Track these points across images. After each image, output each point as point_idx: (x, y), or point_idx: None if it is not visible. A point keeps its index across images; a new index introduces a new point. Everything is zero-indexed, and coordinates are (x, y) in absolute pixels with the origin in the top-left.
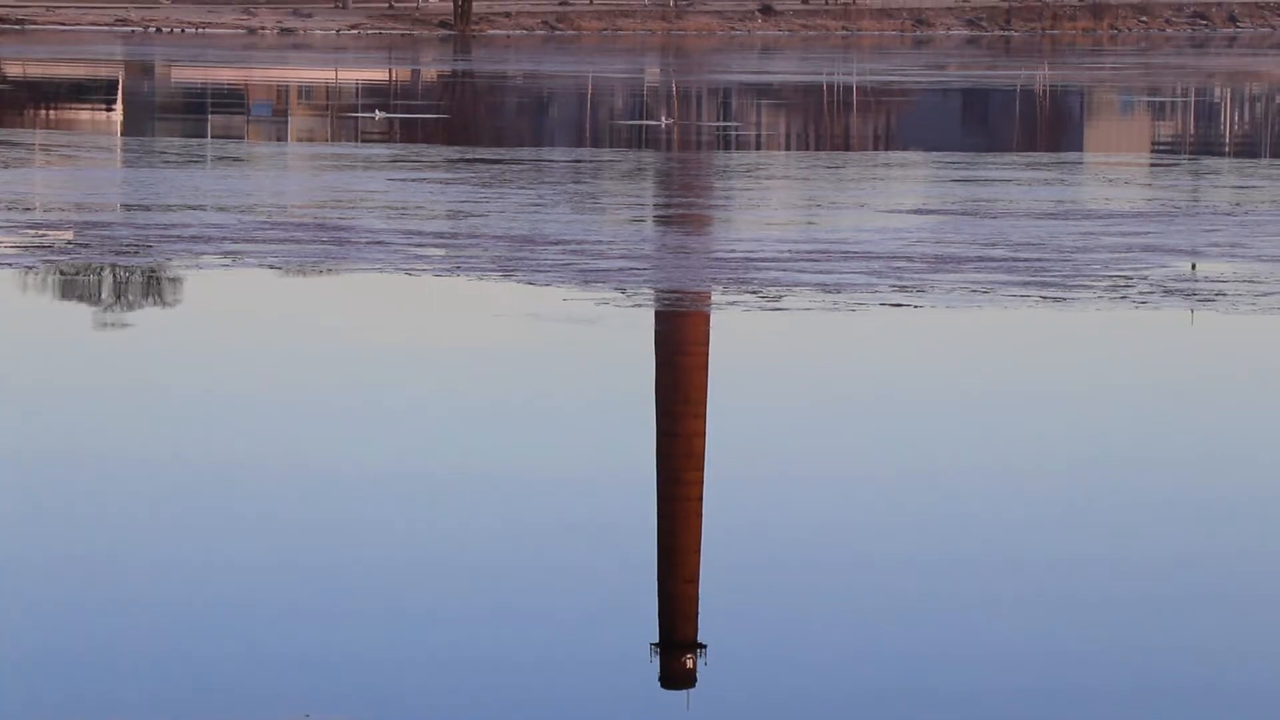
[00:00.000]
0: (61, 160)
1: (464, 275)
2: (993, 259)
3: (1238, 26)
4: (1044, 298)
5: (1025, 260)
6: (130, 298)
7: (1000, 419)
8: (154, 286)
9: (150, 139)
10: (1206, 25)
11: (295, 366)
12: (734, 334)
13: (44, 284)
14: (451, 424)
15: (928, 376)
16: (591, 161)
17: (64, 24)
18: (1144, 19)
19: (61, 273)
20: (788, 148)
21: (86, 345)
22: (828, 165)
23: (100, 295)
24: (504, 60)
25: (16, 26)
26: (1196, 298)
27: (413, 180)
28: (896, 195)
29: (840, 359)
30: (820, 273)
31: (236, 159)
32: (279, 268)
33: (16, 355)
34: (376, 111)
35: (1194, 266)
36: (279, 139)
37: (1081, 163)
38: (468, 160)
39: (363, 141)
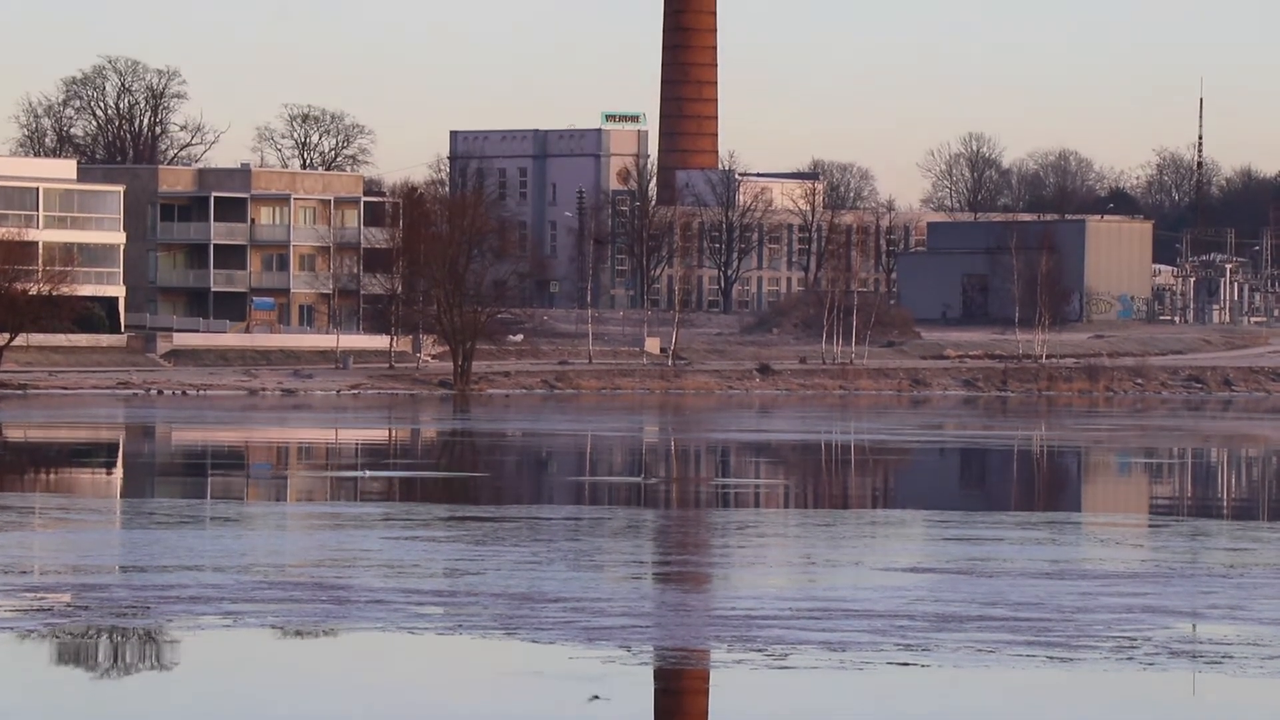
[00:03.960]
0: (59, 523)
1: (466, 634)
2: (994, 618)
3: (1233, 390)
4: (1050, 658)
5: (1027, 620)
6: (130, 660)
7: None
8: (154, 648)
9: (149, 500)
10: (1201, 388)
11: None
12: (742, 691)
13: (43, 647)
14: None
15: None
16: (588, 518)
17: (66, 388)
18: (1139, 381)
19: (60, 636)
20: (785, 505)
21: (87, 709)
22: (824, 522)
23: (100, 658)
24: (501, 419)
25: (19, 391)
26: (1203, 660)
27: (407, 538)
28: (893, 553)
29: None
30: (823, 630)
31: (233, 519)
32: (280, 628)
33: (19, 718)
34: (365, 471)
35: (1194, 628)
36: (276, 498)
37: (1078, 522)
38: (460, 518)
39: (361, 500)
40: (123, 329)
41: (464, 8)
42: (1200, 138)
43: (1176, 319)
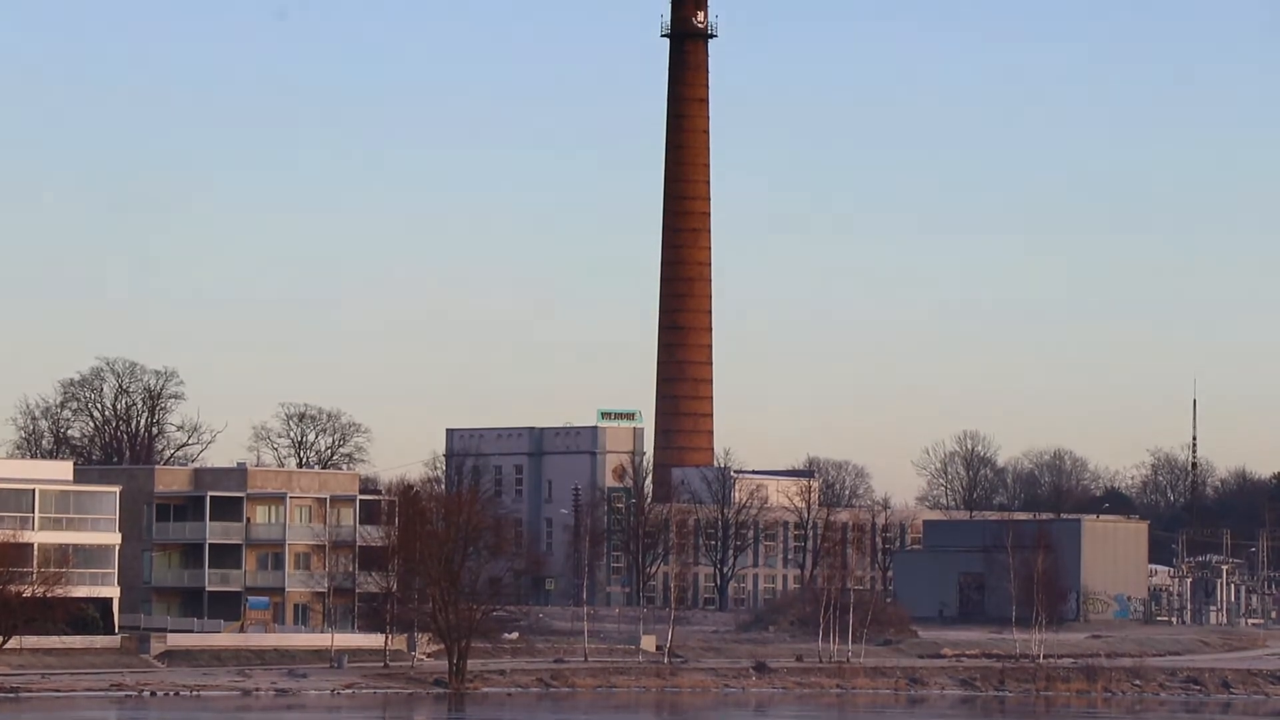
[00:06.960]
0: None
1: None
2: None
3: (1231, 693)
4: None
5: None
6: None
7: None
8: None
9: None
10: (1200, 690)
11: None
12: None
13: None
14: None
15: None
16: None
17: (58, 690)
18: (1137, 682)
19: None
20: None
21: None
22: None
23: None
24: (496, 718)
25: (11, 695)
26: None
27: None
28: None
29: None
30: None
31: None
32: None
33: None
34: None
35: None
36: None
37: None
38: None
39: None
40: (117, 630)
41: (458, 305)
42: (1194, 439)
43: (1173, 619)
